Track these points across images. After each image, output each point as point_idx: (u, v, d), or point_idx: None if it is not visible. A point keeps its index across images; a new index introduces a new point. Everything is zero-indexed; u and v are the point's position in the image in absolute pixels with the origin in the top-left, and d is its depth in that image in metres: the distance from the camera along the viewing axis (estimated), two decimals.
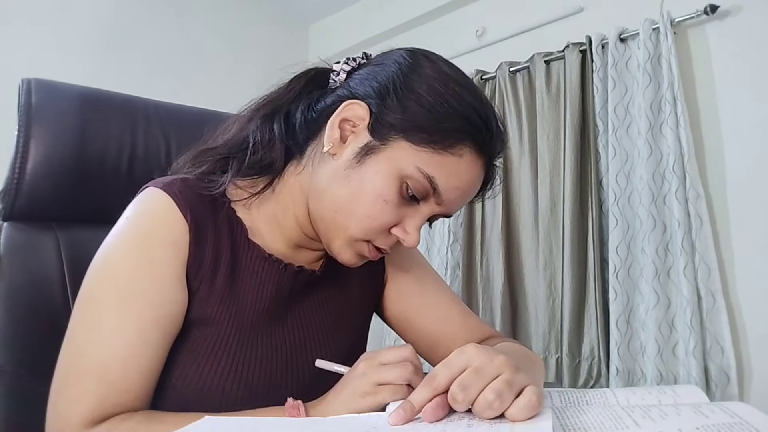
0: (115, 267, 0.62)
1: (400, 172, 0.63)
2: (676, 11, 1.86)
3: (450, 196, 0.65)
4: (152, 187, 0.67)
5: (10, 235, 0.83)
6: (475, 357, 0.49)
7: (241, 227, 0.70)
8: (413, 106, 0.63)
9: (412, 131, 0.63)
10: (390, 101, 0.64)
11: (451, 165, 0.63)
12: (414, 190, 0.63)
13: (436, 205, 0.66)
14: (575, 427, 0.42)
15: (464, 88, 0.65)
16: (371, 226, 0.65)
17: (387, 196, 0.63)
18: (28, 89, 0.85)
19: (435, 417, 0.48)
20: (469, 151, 0.64)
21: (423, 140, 0.63)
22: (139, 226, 0.64)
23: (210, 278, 0.66)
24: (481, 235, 2.29)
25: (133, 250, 0.62)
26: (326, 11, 3.12)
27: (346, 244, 0.67)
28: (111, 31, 2.44)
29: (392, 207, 0.64)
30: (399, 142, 0.63)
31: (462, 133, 0.63)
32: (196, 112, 1.04)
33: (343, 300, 0.79)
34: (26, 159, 0.83)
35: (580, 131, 2.03)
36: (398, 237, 0.66)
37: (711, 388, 1.68)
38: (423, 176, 0.63)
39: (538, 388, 0.48)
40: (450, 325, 0.81)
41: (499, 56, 2.34)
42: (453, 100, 0.64)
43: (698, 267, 1.72)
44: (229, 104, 1.26)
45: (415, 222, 0.66)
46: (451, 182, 0.64)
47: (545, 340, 2.06)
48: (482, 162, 0.66)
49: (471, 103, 0.64)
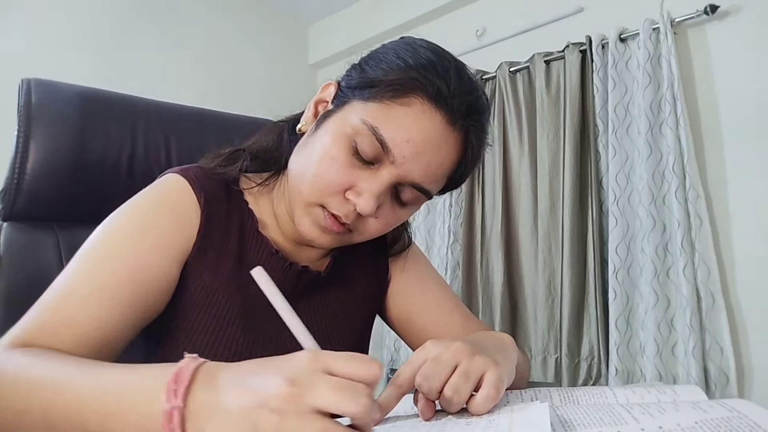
0: (114, 226, 0.62)
1: (348, 128, 0.62)
2: (676, 11, 1.86)
3: (402, 151, 0.60)
4: (169, 172, 0.69)
5: (10, 235, 0.83)
6: (432, 349, 0.51)
7: (252, 219, 0.71)
8: (370, 68, 0.64)
9: (363, 87, 0.63)
10: (353, 70, 0.66)
11: (398, 115, 0.60)
12: (362, 147, 0.61)
13: (392, 166, 0.61)
14: (574, 422, 0.42)
15: (429, 50, 0.64)
16: (319, 184, 0.63)
17: (333, 152, 0.62)
18: (28, 89, 0.85)
19: (430, 413, 0.49)
20: (420, 102, 0.60)
21: (372, 94, 0.61)
22: (149, 198, 0.65)
23: (215, 265, 0.66)
24: (481, 235, 2.29)
25: (136, 215, 0.63)
26: (326, 11, 3.12)
27: (303, 212, 0.66)
28: (111, 31, 2.44)
29: (340, 165, 0.62)
30: (351, 102, 0.64)
31: (412, 81, 0.60)
32: (196, 112, 1.04)
33: (348, 300, 0.78)
34: (26, 159, 0.83)
35: (579, 131, 2.04)
36: (353, 202, 0.62)
37: (710, 388, 1.68)
38: (368, 127, 0.60)
39: (497, 371, 0.49)
40: (450, 327, 0.81)
41: (499, 56, 2.34)
42: (409, 57, 0.62)
43: (698, 267, 1.72)
44: (229, 104, 1.26)
45: (370, 186, 0.61)
46: (399, 133, 0.60)
47: (544, 340, 2.06)
48: (440, 117, 0.61)
49: (429, 58, 0.62)
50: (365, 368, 0.39)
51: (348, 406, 0.36)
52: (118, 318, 0.56)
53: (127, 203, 0.65)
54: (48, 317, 0.54)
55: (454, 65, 0.64)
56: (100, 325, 0.55)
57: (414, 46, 0.64)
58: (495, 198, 2.25)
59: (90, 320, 0.54)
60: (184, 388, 0.37)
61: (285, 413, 0.35)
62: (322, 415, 0.36)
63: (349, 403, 0.36)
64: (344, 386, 0.37)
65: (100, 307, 0.55)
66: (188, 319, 0.64)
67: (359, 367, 0.39)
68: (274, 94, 2.72)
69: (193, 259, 0.65)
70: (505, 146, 2.27)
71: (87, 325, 0.54)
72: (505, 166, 2.25)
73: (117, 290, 0.57)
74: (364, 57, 0.67)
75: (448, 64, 0.63)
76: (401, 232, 0.84)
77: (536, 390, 0.63)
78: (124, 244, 0.60)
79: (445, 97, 0.61)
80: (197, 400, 0.37)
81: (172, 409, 0.37)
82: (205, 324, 0.64)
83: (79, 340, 0.53)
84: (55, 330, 0.53)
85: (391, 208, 0.66)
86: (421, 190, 0.65)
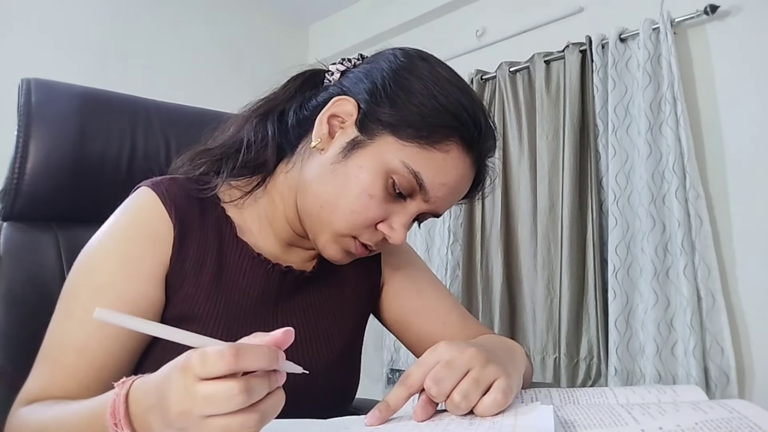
0: (93, 262, 0.63)
1: (385, 167, 0.63)
2: (676, 11, 1.86)
3: (437, 193, 0.64)
4: (142, 186, 0.68)
5: (10, 235, 0.83)
6: (446, 352, 0.51)
7: (229, 226, 0.70)
8: (402, 102, 0.64)
9: (399, 126, 0.63)
10: (379, 97, 0.65)
11: (437, 161, 0.63)
12: (400, 186, 0.63)
13: (423, 202, 0.65)
14: (574, 423, 0.42)
15: (454, 86, 0.65)
16: (356, 221, 0.64)
17: (372, 191, 0.63)
18: (28, 89, 0.85)
19: (425, 415, 0.49)
20: (457, 148, 0.64)
21: (409, 135, 0.63)
22: (121, 223, 0.65)
23: (195, 275, 0.66)
24: (480, 235, 2.29)
25: (112, 247, 0.63)
26: (326, 11, 3.12)
27: (332, 239, 0.67)
28: (111, 31, 2.44)
29: (377, 202, 0.64)
30: (385, 138, 0.64)
31: (449, 129, 0.63)
32: (196, 112, 1.04)
33: (336, 301, 0.78)
34: (26, 159, 0.83)
35: (579, 131, 2.03)
36: (384, 234, 0.66)
37: (711, 388, 1.68)
38: (409, 171, 0.62)
39: (507, 381, 0.49)
40: (448, 327, 0.80)
41: (499, 56, 2.34)
42: (442, 96, 0.63)
43: (698, 267, 1.72)
44: (229, 104, 1.26)
45: (402, 219, 0.65)
46: (437, 179, 0.64)
47: (544, 340, 2.06)
48: (470, 160, 0.66)
49: (459, 99, 0.64)
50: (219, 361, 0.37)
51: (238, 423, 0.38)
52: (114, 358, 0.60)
53: (103, 232, 0.65)
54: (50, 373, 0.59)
55: (480, 108, 0.67)
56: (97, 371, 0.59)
57: (442, 82, 0.65)
58: (495, 198, 2.25)
59: (87, 370, 0.59)
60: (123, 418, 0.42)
61: None
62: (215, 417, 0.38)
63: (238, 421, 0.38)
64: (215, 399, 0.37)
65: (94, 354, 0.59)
66: None
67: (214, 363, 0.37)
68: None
69: (172, 272, 0.65)
70: (505, 146, 2.27)
71: (85, 375, 0.59)
72: (505, 166, 2.25)
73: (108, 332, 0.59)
74: (387, 80, 0.65)
75: (477, 109, 0.66)
76: None
77: (536, 390, 0.63)
78: (106, 284, 0.61)
79: (476, 143, 0.66)
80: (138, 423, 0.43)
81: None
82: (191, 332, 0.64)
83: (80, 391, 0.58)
84: (59, 384, 0.58)
85: None
86: (436, 216, 0.70)
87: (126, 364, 0.62)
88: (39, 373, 0.59)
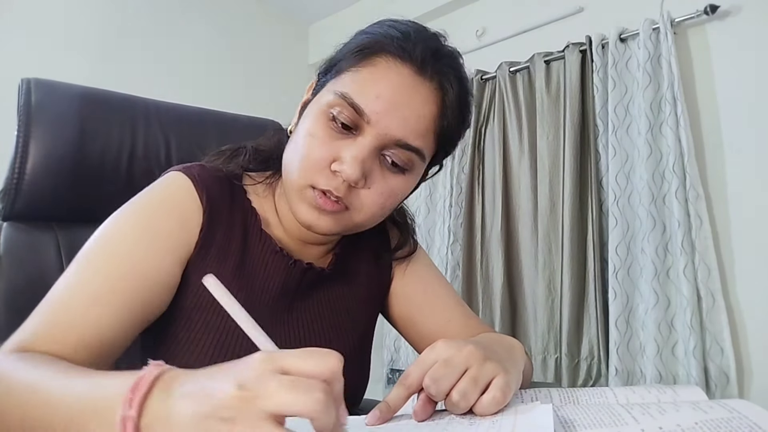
0: (114, 227, 0.62)
1: (323, 105, 0.64)
2: (676, 11, 1.86)
3: (374, 108, 0.61)
4: (172, 170, 0.69)
5: (9, 235, 0.83)
6: (444, 350, 0.51)
7: (255, 217, 0.71)
8: (338, 52, 0.68)
9: (332, 68, 0.66)
10: (329, 60, 0.69)
11: (365, 76, 0.63)
12: (339, 117, 0.62)
13: (369, 127, 0.61)
14: (574, 423, 0.42)
15: (391, 20, 0.67)
16: (305, 164, 0.63)
17: (313, 130, 0.64)
18: (28, 89, 0.85)
19: (425, 415, 0.49)
20: (384, 59, 0.63)
21: (339, 69, 0.65)
22: (151, 198, 0.65)
23: (218, 263, 0.66)
24: (481, 235, 2.29)
25: (138, 215, 0.63)
26: (326, 11, 3.12)
27: (298, 198, 0.65)
28: (111, 30, 2.44)
29: (321, 139, 0.63)
30: (325, 86, 0.66)
31: (373, 45, 0.64)
32: (196, 112, 1.04)
33: (350, 298, 0.78)
34: (26, 159, 0.83)
35: (579, 131, 2.03)
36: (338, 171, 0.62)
37: (711, 388, 1.68)
38: (338, 96, 0.62)
39: (506, 378, 0.49)
40: (451, 326, 0.81)
41: (499, 56, 2.34)
42: (371, 28, 0.66)
43: (698, 267, 1.72)
44: (229, 104, 1.26)
45: (351, 151, 0.61)
46: (367, 92, 0.61)
47: (544, 340, 2.06)
48: (408, 68, 0.62)
49: (389, 23, 0.66)
50: (320, 363, 0.36)
51: (301, 404, 0.33)
52: (118, 320, 0.56)
53: (129, 203, 0.64)
54: (48, 322, 0.54)
55: (415, 25, 0.67)
56: (99, 329, 0.55)
57: (377, 22, 0.68)
58: (495, 198, 2.25)
59: (88, 324, 0.54)
60: (140, 398, 0.36)
61: (235, 421, 0.33)
62: (274, 421, 0.33)
63: (302, 401, 0.33)
64: (296, 384, 0.34)
65: (99, 310, 0.55)
66: (191, 318, 0.64)
67: (314, 362, 0.36)
68: (274, 94, 2.71)
69: (195, 257, 0.65)
70: (505, 146, 2.27)
71: (85, 329, 0.54)
72: (505, 166, 2.25)
73: (118, 296, 0.57)
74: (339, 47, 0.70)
75: (408, 24, 0.66)
76: (408, 237, 0.84)
77: (536, 390, 0.63)
78: (123, 246, 0.60)
79: (407, 50, 0.63)
80: (152, 410, 0.36)
81: (125, 419, 0.35)
82: (207, 322, 0.64)
83: (77, 344, 0.53)
84: (54, 335, 0.53)
85: (381, 175, 0.65)
86: (409, 148, 0.64)
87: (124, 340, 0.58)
88: (36, 322, 0.54)
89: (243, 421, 0.33)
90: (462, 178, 2.35)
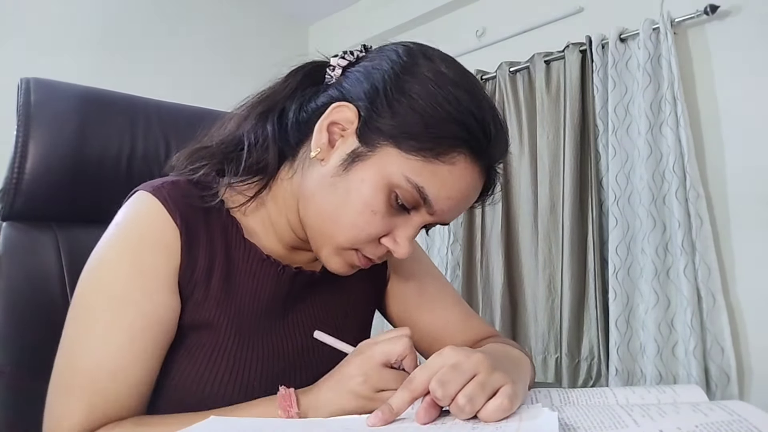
0: (106, 275, 0.60)
1: (388, 180, 0.60)
2: (676, 11, 1.86)
3: (442, 206, 0.61)
4: (141, 190, 0.65)
5: (9, 235, 0.83)
6: (451, 356, 0.51)
7: (236, 228, 0.69)
8: (404, 110, 0.59)
9: (402, 138, 0.59)
10: (380, 104, 0.61)
11: (442, 174, 0.59)
12: (403, 199, 0.60)
13: (428, 215, 0.62)
14: (575, 425, 0.42)
15: (461, 89, 0.60)
16: (358, 236, 0.62)
17: (374, 206, 0.60)
18: (27, 89, 0.85)
19: (428, 418, 0.49)
20: (464, 159, 0.60)
21: (413, 148, 0.59)
22: (129, 231, 0.63)
23: (205, 282, 0.64)
24: (481, 235, 2.29)
25: (124, 257, 0.61)
26: (326, 11, 3.12)
27: (334, 252, 0.65)
28: (111, 30, 2.44)
29: (380, 217, 0.61)
30: (387, 149, 0.60)
31: (455, 139, 0.59)
32: (196, 112, 1.03)
33: (345, 300, 0.78)
34: (25, 159, 0.83)
35: (580, 131, 2.03)
36: (388, 247, 0.64)
37: (711, 388, 1.68)
38: (412, 186, 0.59)
39: (513, 388, 0.49)
40: (451, 325, 0.80)
41: (499, 56, 2.34)
42: (447, 103, 0.59)
43: (698, 267, 1.72)
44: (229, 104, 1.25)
45: (407, 232, 0.63)
46: (442, 192, 0.60)
47: (544, 340, 2.06)
48: (479, 170, 0.62)
49: (467, 107, 0.60)
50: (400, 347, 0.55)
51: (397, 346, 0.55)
52: (148, 369, 0.60)
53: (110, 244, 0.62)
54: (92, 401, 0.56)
55: (490, 110, 0.62)
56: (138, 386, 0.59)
57: (446, 85, 0.60)
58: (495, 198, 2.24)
59: (126, 387, 0.57)
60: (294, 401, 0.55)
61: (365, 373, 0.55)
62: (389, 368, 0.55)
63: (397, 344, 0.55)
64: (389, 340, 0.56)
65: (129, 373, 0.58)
66: (187, 337, 0.64)
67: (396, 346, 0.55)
68: None
69: (182, 280, 0.63)
70: None
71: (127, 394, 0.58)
72: (506, 166, 2.24)
73: (135, 347, 0.58)
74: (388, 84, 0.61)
75: (485, 112, 0.61)
76: None
77: (536, 390, 0.63)
78: (125, 299, 0.59)
79: (485, 152, 0.62)
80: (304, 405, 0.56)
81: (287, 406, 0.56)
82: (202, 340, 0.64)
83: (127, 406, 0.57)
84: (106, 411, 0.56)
85: None
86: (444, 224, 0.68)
87: (155, 373, 0.61)
88: (71, 407, 0.56)
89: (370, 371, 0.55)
90: None
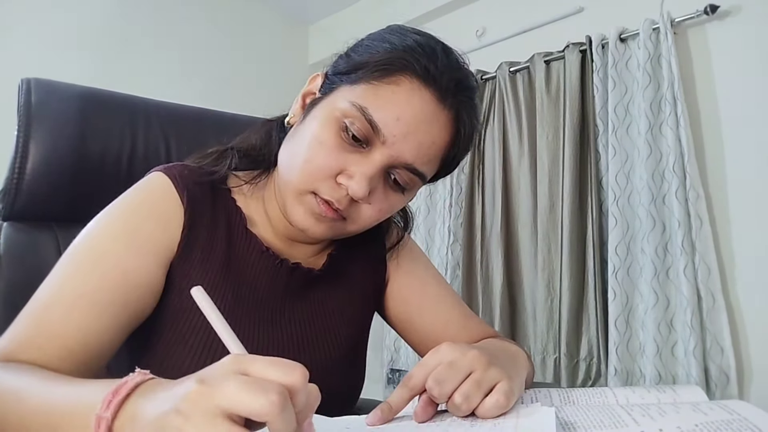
0: (98, 230, 0.61)
1: (336, 111, 0.62)
2: (676, 11, 1.86)
3: (393, 130, 0.60)
4: (154, 170, 0.68)
5: (9, 235, 0.83)
6: (448, 353, 0.51)
7: (240, 216, 0.70)
8: (357, 54, 0.64)
9: (351, 72, 0.63)
10: (341, 60, 0.66)
11: (386, 94, 0.60)
12: (352, 128, 0.60)
13: (384, 147, 0.61)
14: (574, 425, 0.42)
15: (414, 32, 0.64)
16: (309, 170, 0.62)
17: (322, 136, 0.62)
18: (28, 89, 0.85)
19: (426, 416, 0.49)
20: (408, 80, 0.61)
21: (359, 77, 0.62)
22: (132, 198, 0.65)
23: (202, 264, 0.65)
24: (480, 235, 2.29)
25: (120, 218, 0.62)
26: (326, 11, 3.12)
27: (295, 200, 0.65)
28: (111, 30, 2.44)
29: (330, 148, 0.61)
30: (339, 88, 0.64)
31: (399, 61, 0.61)
32: (196, 112, 1.04)
33: (344, 298, 0.78)
34: (26, 159, 0.83)
35: (579, 131, 2.04)
36: (345, 186, 0.62)
37: (711, 388, 1.68)
38: (356, 108, 0.60)
39: (510, 384, 0.49)
40: (450, 326, 0.80)
41: (499, 56, 2.34)
42: (395, 39, 0.63)
43: (698, 267, 1.72)
44: (229, 104, 1.26)
45: (362, 168, 0.61)
46: (388, 112, 0.60)
47: (544, 340, 2.06)
48: (430, 95, 0.61)
49: (412, 37, 0.63)
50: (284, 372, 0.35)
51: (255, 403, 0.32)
52: (103, 326, 0.56)
53: (111, 206, 0.64)
54: (30, 329, 0.53)
55: (440, 46, 0.64)
56: (84, 336, 0.54)
57: (401, 31, 0.65)
58: (495, 198, 2.25)
59: (73, 332, 0.54)
60: (118, 401, 0.36)
61: (189, 415, 0.32)
62: (228, 419, 0.32)
63: (256, 401, 0.32)
64: (253, 384, 0.33)
65: (84, 316, 0.54)
66: (177, 319, 0.63)
67: (277, 370, 0.35)
68: (274, 93, 2.71)
69: (178, 258, 0.64)
70: (505, 146, 2.27)
71: (70, 337, 0.53)
72: (505, 166, 2.25)
73: (100, 298, 0.56)
74: (350, 46, 0.68)
75: (434, 44, 0.64)
76: (390, 223, 0.83)
77: (535, 390, 0.63)
78: (107, 250, 0.59)
79: (433, 75, 0.61)
80: (126, 412, 0.36)
81: (99, 419, 0.36)
82: (193, 323, 0.63)
83: (61, 353, 0.53)
84: (39, 344, 0.52)
85: (384, 193, 0.65)
86: (415, 172, 0.64)
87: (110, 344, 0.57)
88: (19, 330, 0.54)
89: (196, 416, 0.32)
90: (462, 178, 2.35)
